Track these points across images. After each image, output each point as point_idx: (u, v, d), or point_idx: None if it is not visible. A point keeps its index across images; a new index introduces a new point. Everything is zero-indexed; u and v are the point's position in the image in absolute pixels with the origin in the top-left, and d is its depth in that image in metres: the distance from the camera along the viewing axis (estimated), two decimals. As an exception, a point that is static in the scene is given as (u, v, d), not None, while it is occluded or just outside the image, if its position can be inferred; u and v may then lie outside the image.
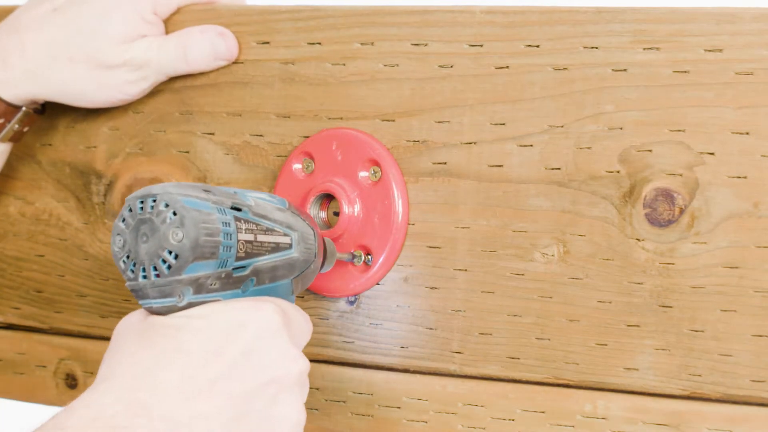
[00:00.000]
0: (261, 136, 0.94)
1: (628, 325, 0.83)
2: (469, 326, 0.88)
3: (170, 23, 0.96)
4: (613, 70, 0.83)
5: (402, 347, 0.90)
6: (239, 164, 0.95)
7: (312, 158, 0.91)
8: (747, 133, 0.80)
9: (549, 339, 0.86)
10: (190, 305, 0.73)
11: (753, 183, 0.80)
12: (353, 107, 0.91)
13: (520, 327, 0.86)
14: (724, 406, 0.82)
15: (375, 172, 0.89)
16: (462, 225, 0.88)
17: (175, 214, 0.71)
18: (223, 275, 0.74)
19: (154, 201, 0.72)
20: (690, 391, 0.82)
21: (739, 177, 0.80)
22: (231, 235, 0.73)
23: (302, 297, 0.92)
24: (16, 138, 0.97)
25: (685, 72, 0.81)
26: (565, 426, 0.86)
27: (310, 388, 0.92)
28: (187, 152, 0.97)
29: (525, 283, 0.86)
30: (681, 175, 0.82)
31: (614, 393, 0.84)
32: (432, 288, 0.89)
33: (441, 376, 0.89)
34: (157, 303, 0.72)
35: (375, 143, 0.89)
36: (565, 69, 0.84)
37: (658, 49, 0.82)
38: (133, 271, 0.72)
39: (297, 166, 0.92)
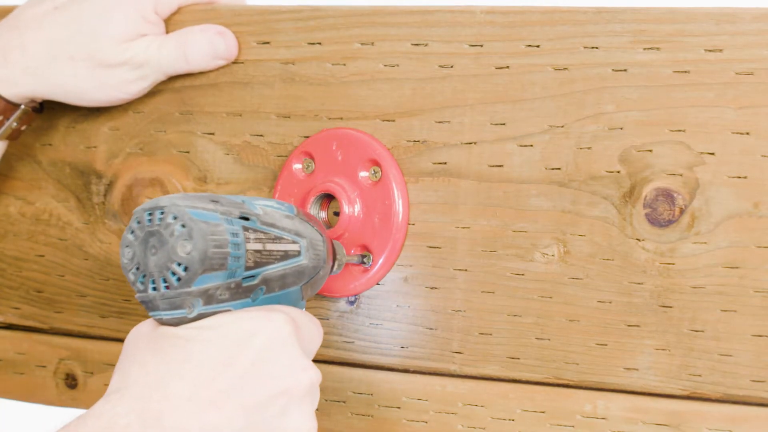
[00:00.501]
0: (261, 136, 0.94)
1: (628, 325, 0.83)
2: (469, 326, 0.88)
3: (170, 23, 0.96)
4: (613, 70, 0.83)
5: (402, 347, 0.90)
6: (239, 164, 0.95)
7: (312, 158, 0.91)
8: (747, 133, 0.80)
9: (549, 339, 0.86)
10: (200, 316, 0.73)
11: (753, 183, 0.80)
12: (353, 107, 0.91)
13: (520, 327, 0.86)
14: (724, 406, 0.82)
15: (375, 172, 0.89)
16: (462, 225, 0.88)
17: (183, 226, 0.71)
18: (232, 285, 0.74)
19: (162, 213, 0.72)
20: (690, 391, 0.82)
21: (739, 177, 0.80)
22: (239, 245, 0.74)
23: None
24: (13, 136, 0.97)
25: (686, 72, 0.81)
26: (565, 426, 0.86)
27: (310, 388, 0.92)
28: (188, 152, 0.97)
29: (525, 283, 0.86)
30: (681, 175, 0.82)
31: (614, 393, 0.84)
32: (432, 288, 0.89)
33: (441, 376, 0.89)
34: (167, 315, 0.73)
35: (375, 143, 0.89)
36: (565, 69, 0.85)
37: (658, 49, 0.82)
38: (142, 283, 0.72)
39: (297, 166, 0.92)
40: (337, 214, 0.91)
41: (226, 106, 0.95)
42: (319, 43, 0.92)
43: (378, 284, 0.90)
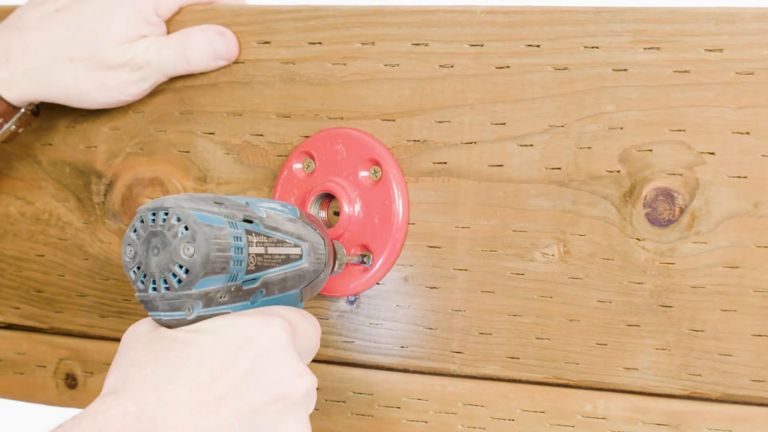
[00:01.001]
0: (261, 135, 0.94)
1: (628, 325, 0.83)
2: (469, 326, 0.88)
3: (170, 23, 0.96)
4: (613, 69, 0.83)
5: (402, 347, 0.90)
6: (239, 164, 0.95)
7: (312, 158, 0.91)
8: (747, 133, 0.80)
9: (549, 339, 0.86)
10: (199, 318, 0.73)
11: (753, 183, 0.80)
12: (354, 107, 0.91)
13: (520, 327, 0.86)
14: (724, 406, 0.82)
15: (375, 172, 0.89)
16: (462, 225, 0.88)
17: (186, 228, 0.71)
18: (232, 289, 0.74)
19: (166, 214, 0.72)
20: (690, 391, 0.82)
21: (739, 177, 0.80)
22: (242, 249, 0.74)
23: (302, 297, 0.93)
24: (9, 139, 0.97)
25: (686, 72, 0.81)
26: (565, 426, 0.86)
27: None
28: (188, 152, 0.97)
29: (525, 282, 0.86)
30: (681, 174, 0.82)
31: (614, 393, 0.84)
32: (432, 288, 0.89)
33: (441, 376, 0.89)
34: (166, 316, 0.73)
35: (375, 143, 0.89)
36: (565, 69, 0.85)
37: (658, 48, 0.82)
38: (143, 283, 0.72)
39: (297, 165, 0.92)
40: (337, 213, 0.91)
41: (226, 105, 0.95)
42: (320, 43, 0.92)
43: (378, 284, 0.90)
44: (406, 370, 0.90)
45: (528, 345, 0.86)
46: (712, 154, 0.81)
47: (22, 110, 0.96)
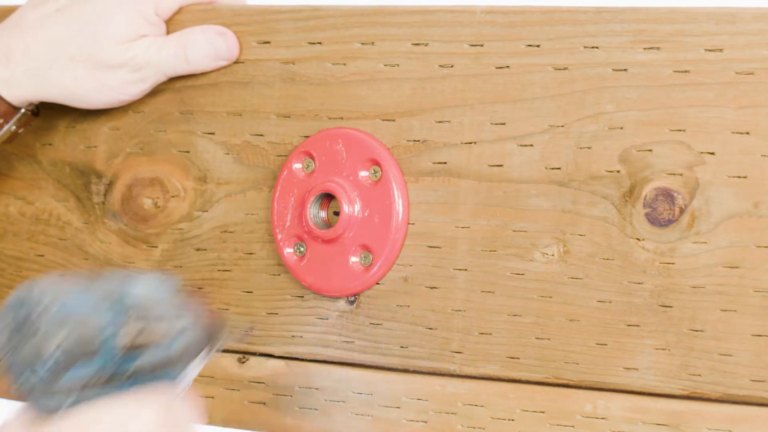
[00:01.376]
0: (261, 135, 0.94)
1: (628, 325, 0.83)
2: (469, 326, 0.88)
3: (170, 23, 0.96)
4: (613, 69, 0.83)
5: (402, 347, 0.90)
6: (239, 164, 0.95)
7: (312, 158, 0.91)
8: (747, 133, 0.80)
9: (549, 339, 0.86)
10: (72, 406, 0.71)
11: (753, 183, 0.80)
12: (354, 107, 0.91)
13: (520, 327, 0.86)
14: (724, 406, 0.82)
15: (375, 172, 0.89)
16: (462, 225, 0.88)
17: (54, 317, 0.69)
18: (105, 376, 0.71)
19: (34, 303, 0.70)
20: (690, 391, 0.82)
21: (739, 177, 0.80)
22: (114, 335, 0.71)
23: (302, 297, 0.92)
24: (10, 139, 0.97)
25: (686, 72, 0.81)
26: (565, 426, 0.86)
27: (310, 388, 0.92)
28: (188, 152, 0.97)
29: (525, 282, 0.86)
30: (681, 174, 0.82)
31: (614, 393, 0.84)
32: (432, 288, 0.89)
33: (441, 376, 0.89)
34: (36, 407, 0.71)
35: (375, 143, 0.89)
36: (565, 69, 0.85)
37: (658, 48, 0.82)
38: (14, 374, 0.71)
39: (297, 165, 0.92)
40: (337, 213, 0.91)
41: (226, 105, 0.95)
42: (319, 43, 0.92)
43: (378, 284, 0.90)
44: (406, 370, 0.90)
45: (528, 345, 0.86)
46: (712, 154, 0.81)
47: (22, 110, 0.96)
